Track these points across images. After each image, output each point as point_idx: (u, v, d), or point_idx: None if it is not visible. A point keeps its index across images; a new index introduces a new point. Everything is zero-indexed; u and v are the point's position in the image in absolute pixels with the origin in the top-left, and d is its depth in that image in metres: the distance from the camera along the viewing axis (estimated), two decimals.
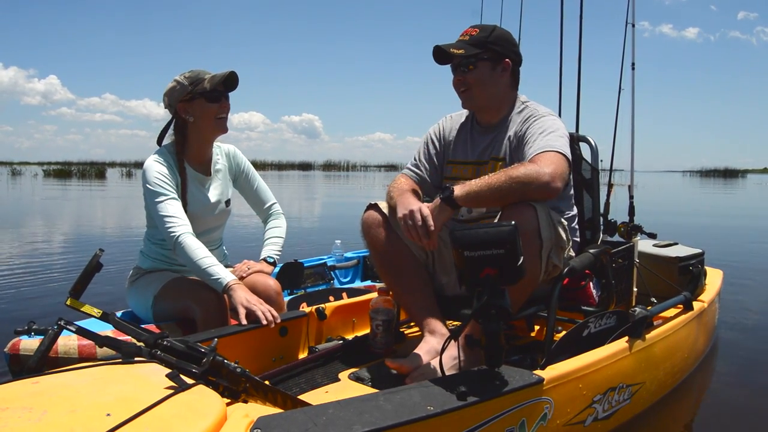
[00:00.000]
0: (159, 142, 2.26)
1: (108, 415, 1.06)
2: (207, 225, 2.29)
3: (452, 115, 2.19)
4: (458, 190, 1.74)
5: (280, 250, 2.42)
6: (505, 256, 1.38)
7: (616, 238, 2.75)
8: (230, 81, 2.19)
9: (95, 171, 37.94)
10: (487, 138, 2.06)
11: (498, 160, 1.99)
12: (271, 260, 2.35)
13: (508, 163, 1.94)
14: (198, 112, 2.17)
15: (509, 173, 1.71)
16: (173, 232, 2.03)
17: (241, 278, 2.19)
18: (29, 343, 1.91)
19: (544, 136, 1.83)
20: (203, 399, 1.17)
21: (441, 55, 1.96)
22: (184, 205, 2.16)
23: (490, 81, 1.98)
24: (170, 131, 2.25)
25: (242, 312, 1.91)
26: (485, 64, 1.97)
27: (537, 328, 2.52)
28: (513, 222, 1.41)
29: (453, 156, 2.14)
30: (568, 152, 1.82)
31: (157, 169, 2.11)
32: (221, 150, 2.37)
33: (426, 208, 1.77)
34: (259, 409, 1.28)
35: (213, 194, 2.28)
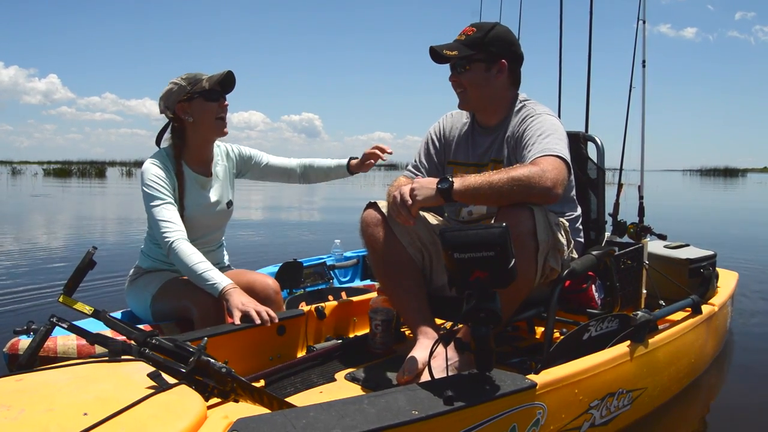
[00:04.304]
0: (157, 142, 2.26)
1: (85, 414, 1.06)
2: (207, 227, 2.28)
3: (453, 113, 2.16)
4: (458, 183, 1.71)
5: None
6: (495, 258, 1.35)
7: (626, 239, 2.69)
8: (227, 81, 2.19)
9: (95, 170, 37.94)
10: (487, 139, 2.03)
11: (498, 162, 1.96)
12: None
13: (506, 165, 1.91)
14: (197, 111, 2.16)
15: (511, 174, 1.67)
16: (167, 237, 2.02)
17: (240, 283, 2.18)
18: (28, 343, 1.92)
19: (543, 138, 1.79)
20: (183, 399, 1.17)
21: (437, 55, 1.93)
22: (182, 209, 2.16)
23: (485, 83, 1.95)
24: (167, 135, 2.24)
25: (237, 315, 1.90)
26: (479, 66, 1.93)
27: (541, 330, 2.48)
28: (504, 224, 1.38)
29: (454, 157, 2.12)
30: (568, 156, 1.78)
31: (153, 172, 2.11)
32: (220, 150, 2.36)
33: (407, 187, 1.77)
34: (241, 411, 1.27)
35: (213, 196, 2.27)
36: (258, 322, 1.89)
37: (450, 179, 1.73)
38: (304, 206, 14.03)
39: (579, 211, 2.08)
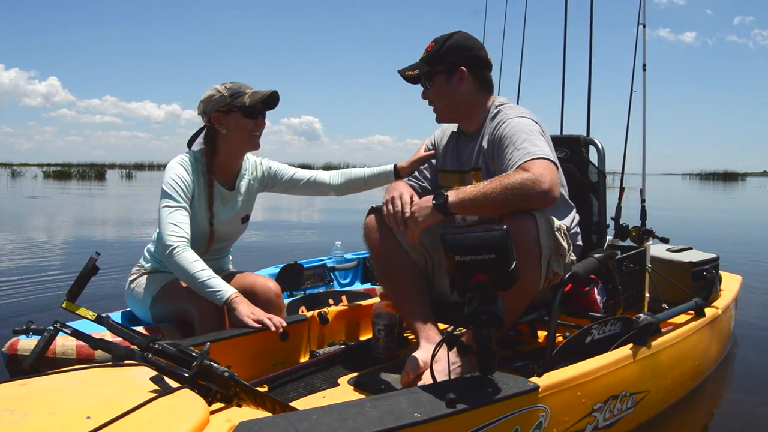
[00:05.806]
0: (189, 144, 2.24)
1: (88, 417, 1.06)
2: (218, 239, 2.26)
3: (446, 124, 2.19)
4: (453, 196, 1.70)
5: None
6: (497, 261, 1.35)
7: (628, 242, 2.69)
8: (270, 100, 2.18)
9: (95, 172, 37.70)
10: (468, 146, 2.05)
11: (477, 170, 1.98)
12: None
13: (484, 171, 1.93)
14: (232, 125, 2.13)
15: (504, 183, 1.64)
16: (171, 241, 1.98)
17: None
18: (27, 343, 1.92)
19: (523, 143, 1.76)
20: (185, 403, 1.17)
21: (404, 76, 1.99)
22: (211, 216, 2.15)
23: (449, 92, 1.98)
24: (200, 139, 2.23)
25: (251, 323, 1.89)
26: (440, 78, 1.97)
27: (544, 334, 2.47)
28: (505, 226, 1.38)
29: (442, 165, 2.16)
30: (554, 157, 1.77)
31: (178, 172, 2.09)
32: (249, 163, 2.32)
33: (408, 195, 1.79)
34: (244, 415, 1.27)
35: (230, 210, 2.26)
36: (273, 329, 1.89)
37: (444, 193, 1.72)
38: (304, 208, 13.98)
39: (575, 213, 2.08)
